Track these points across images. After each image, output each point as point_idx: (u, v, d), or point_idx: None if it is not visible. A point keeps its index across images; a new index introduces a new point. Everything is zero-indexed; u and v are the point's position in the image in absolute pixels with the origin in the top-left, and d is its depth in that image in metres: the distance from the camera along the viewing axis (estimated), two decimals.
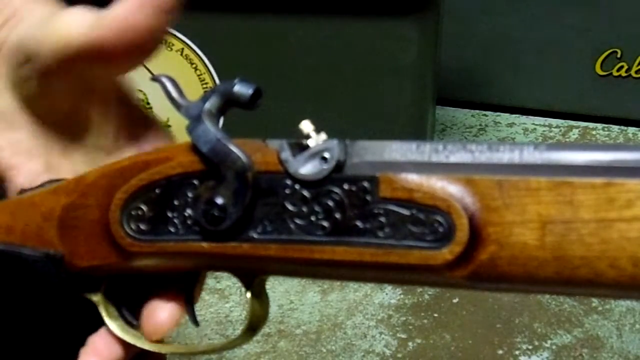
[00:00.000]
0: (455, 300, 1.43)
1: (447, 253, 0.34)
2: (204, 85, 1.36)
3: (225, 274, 0.45)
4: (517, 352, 1.31)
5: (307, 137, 0.37)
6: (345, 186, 0.36)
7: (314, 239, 0.36)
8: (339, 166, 0.36)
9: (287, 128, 0.67)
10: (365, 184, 0.36)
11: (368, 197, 0.36)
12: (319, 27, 1.29)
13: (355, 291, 1.45)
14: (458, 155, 0.35)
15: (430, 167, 0.35)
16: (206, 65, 1.35)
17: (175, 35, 1.33)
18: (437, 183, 0.35)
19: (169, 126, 1.42)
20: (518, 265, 0.34)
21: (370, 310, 1.41)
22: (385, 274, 0.37)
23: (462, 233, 0.34)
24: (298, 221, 0.37)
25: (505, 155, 0.34)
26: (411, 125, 1.35)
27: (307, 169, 0.37)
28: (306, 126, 0.37)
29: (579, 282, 0.33)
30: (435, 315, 1.40)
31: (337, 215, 0.36)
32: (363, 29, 1.28)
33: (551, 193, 0.33)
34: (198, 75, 1.35)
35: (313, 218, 0.36)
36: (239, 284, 0.46)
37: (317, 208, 0.36)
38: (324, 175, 0.36)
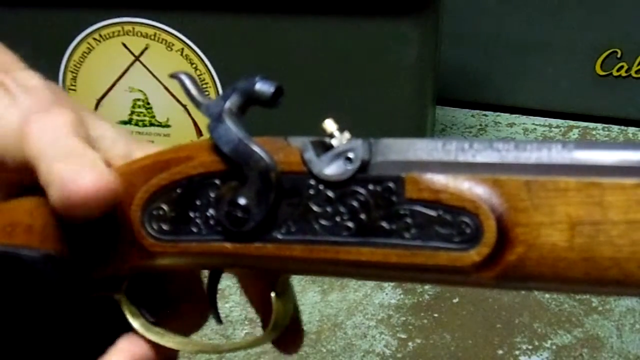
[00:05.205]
0: (455, 300, 1.43)
1: (474, 255, 0.34)
2: (204, 85, 1.36)
3: (224, 274, 0.45)
4: (517, 352, 1.31)
5: (331, 136, 0.37)
6: (370, 187, 0.35)
7: (339, 240, 0.36)
8: (364, 166, 0.36)
9: (286, 127, 0.66)
10: (391, 184, 0.35)
11: (394, 198, 0.35)
12: (319, 27, 1.29)
13: (355, 291, 1.45)
14: (485, 155, 0.35)
15: (456, 167, 0.35)
16: (206, 65, 1.35)
17: (175, 35, 1.33)
18: (464, 184, 0.34)
19: (169, 126, 1.42)
20: (546, 266, 0.33)
21: (370, 310, 1.41)
22: (411, 275, 0.36)
23: (490, 234, 0.34)
24: (323, 222, 0.36)
25: (533, 155, 0.34)
26: (411, 125, 1.35)
27: (332, 169, 0.36)
28: (330, 125, 0.37)
29: (608, 283, 0.33)
30: (435, 315, 1.40)
31: (363, 216, 0.36)
32: (363, 29, 1.28)
33: (580, 194, 0.33)
34: (198, 75, 1.35)
35: (338, 219, 0.36)
36: (239, 284, 0.45)
37: (341, 209, 0.36)
38: (348, 176, 0.36)
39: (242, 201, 0.37)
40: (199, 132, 1.39)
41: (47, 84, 0.43)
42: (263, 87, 0.38)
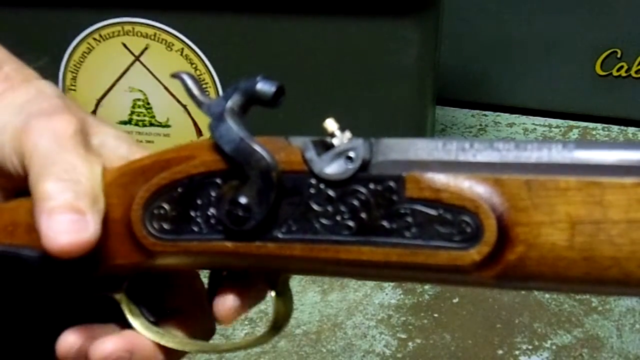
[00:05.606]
0: (455, 300, 1.43)
1: (475, 254, 0.34)
2: (204, 85, 1.36)
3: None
4: (517, 352, 1.31)
5: (332, 135, 0.37)
6: (371, 186, 0.35)
7: (339, 239, 0.36)
8: (364, 165, 0.36)
9: (287, 127, 0.66)
10: (392, 183, 0.35)
11: (394, 197, 0.35)
12: (319, 27, 1.29)
13: (355, 291, 1.45)
14: (485, 154, 0.35)
15: (457, 166, 0.35)
16: (206, 65, 1.35)
17: (175, 35, 1.33)
18: (464, 183, 0.34)
19: (169, 126, 1.42)
20: (547, 265, 0.33)
21: (370, 310, 1.41)
22: (411, 274, 0.37)
23: (490, 233, 0.34)
24: (323, 221, 0.36)
25: (534, 154, 0.34)
26: (411, 125, 1.35)
27: (332, 168, 0.36)
28: (330, 124, 0.37)
29: (608, 282, 0.33)
30: (435, 315, 1.40)
31: (363, 215, 0.36)
32: (363, 29, 1.28)
33: (580, 193, 0.33)
34: (198, 75, 1.35)
35: (339, 218, 0.36)
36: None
37: (342, 208, 0.36)
38: (349, 175, 0.36)
39: (243, 200, 0.37)
40: (199, 132, 1.39)
41: (58, 93, 0.44)
42: (264, 86, 0.38)
